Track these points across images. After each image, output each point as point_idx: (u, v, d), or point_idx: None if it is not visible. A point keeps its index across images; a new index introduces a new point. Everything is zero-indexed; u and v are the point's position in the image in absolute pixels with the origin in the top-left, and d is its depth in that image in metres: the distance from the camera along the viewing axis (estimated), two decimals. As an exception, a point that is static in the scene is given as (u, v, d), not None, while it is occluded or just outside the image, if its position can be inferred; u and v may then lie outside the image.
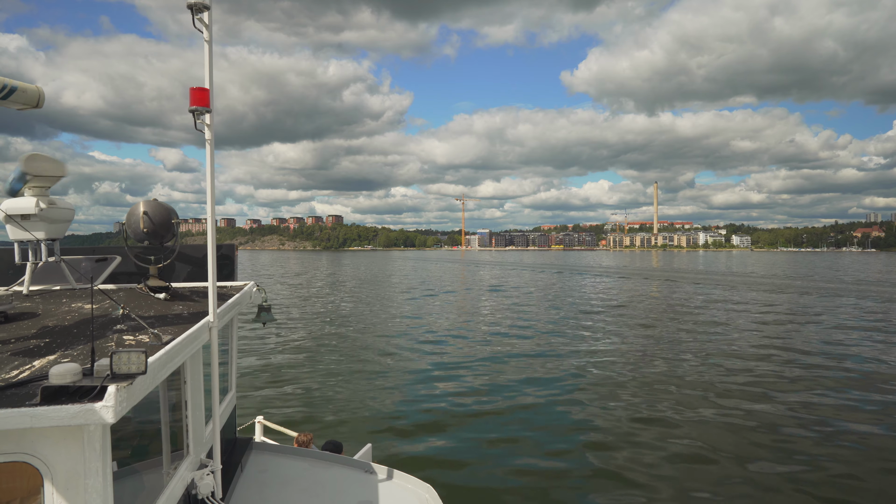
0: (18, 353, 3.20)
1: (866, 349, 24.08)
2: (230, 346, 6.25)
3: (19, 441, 2.58)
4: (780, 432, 13.68)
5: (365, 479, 6.09)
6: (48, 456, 2.62)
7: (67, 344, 3.43)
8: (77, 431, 2.60)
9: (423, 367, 20.93)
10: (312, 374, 19.75)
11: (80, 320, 4.06)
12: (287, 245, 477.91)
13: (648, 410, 15.40)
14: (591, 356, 22.78)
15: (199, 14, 3.97)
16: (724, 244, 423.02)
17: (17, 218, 4.47)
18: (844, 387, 17.87)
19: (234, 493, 5.53)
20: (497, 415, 15.10)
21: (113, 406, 2.41)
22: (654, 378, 19.02)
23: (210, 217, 4.29)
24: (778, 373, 19.78)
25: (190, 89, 4.02)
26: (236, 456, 6.10)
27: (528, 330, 29.88)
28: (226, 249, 6.52)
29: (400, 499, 5.66)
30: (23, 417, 2.38)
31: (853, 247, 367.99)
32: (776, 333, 28.02)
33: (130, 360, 2.52)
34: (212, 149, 4.21)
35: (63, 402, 2.42)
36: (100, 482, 2.67)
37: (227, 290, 5.67)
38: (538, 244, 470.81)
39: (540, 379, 19.04)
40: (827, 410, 15.42)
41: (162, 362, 3.10)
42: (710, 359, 21.94)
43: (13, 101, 4.08)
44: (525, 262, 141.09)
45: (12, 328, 3.82)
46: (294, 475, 6.18)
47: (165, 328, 3.92)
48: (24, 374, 2.81)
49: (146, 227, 5.35)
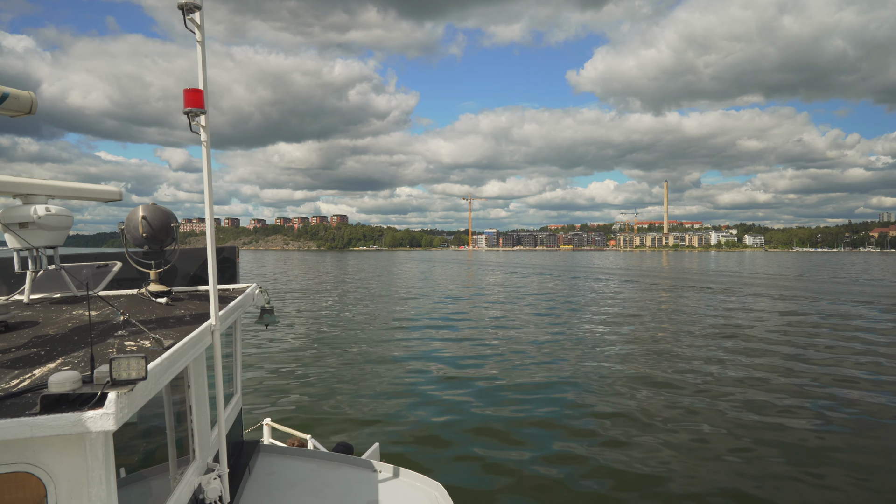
0: (18, 362, 3.17)
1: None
2: (234, 348, 6.18)
3: (21, 451, 2.54)
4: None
5: (374, 478, 6.01)
6: (50, 465, 2.58)
7: (68, 352, 3.39)
8: (78, 440, 2.56)
9: (430, 367, 20.51)
10: (320, 375, 19.32)
11: (80, 327, 4.00)
12: (291, 245, 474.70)
13: (662, 413, 14.84)
14: (605, 359, 21.85)
15: (191, 14, 3.85)
16: (736, 244, 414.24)
17: (15, 226, 4.42)
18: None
19: (242, 497, 5.49)
20: (506, 414, 14.75)
21: (113, 413, 2.38)
22: (674, 386, 17.87)
23: (209, 219, 4.20)
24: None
25: (183, 91, 3.88)
26: (243, 459, 6.04)
27: (541, 331, 28.59)
28: (227, 252, 6.43)
29: (409, 497, 5.59)
30: (23, 427, 2.35)
31: (871, 247, 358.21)
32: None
33: (130, 365, 2.48)
34: (208, 151, 4.07)
35: (63, 410, 2.38)
36: (103, 490, 2.64)
37: (230, 293, 5.60)
38: (547, 244, 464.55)
39: (551, 380, 18.53)
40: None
41: (163, 367, 3.05)
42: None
43: (6, 108, 4.02)
44: (537, 264, 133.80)
45: (12, 337, 3.77)
46: (302, 476, 6.11)
47: (167, 333, 3.88)
48: (24, 384, 2.77)
49: (145, 232, 5.27)
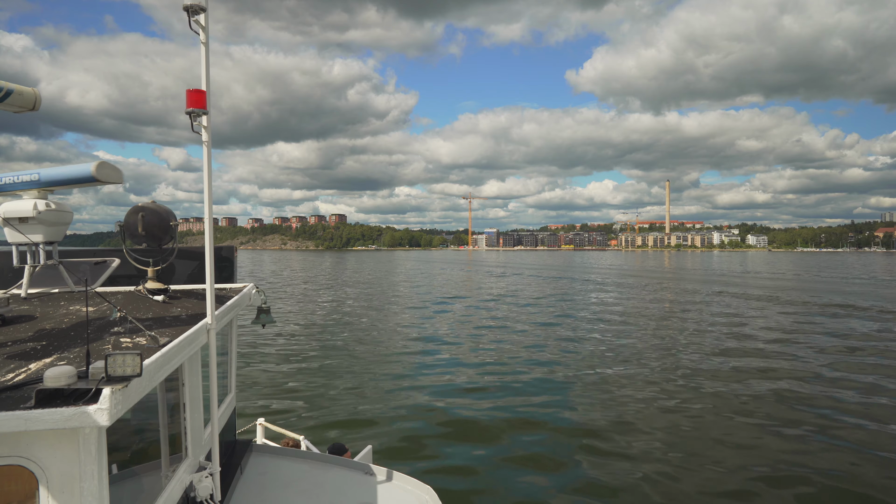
0: (14, 357, 3.18)
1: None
2: (230, 348, 6.19)
3: (14, 444, 2.56)
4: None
5: (365, 480, 6.05)
6: (43, 459, 2.59)
7: (64, 347, 3.40)
8: (72, 434, 2.57)
9: (425, 370, 20.42)
10: (314, 376, 19.26)
11: (77, 323, 4.00)
12: (289, 245, 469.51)
13: (654, 419, 14.56)
14: (603, 363, 21.47)
15: (196, 16, 3.87)
16: (740, 244, 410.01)
17: (14, 221, 4.44)
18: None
19: (234, 496, 5.49)
20: (498, 418, 14.72)
21: (108, 409, 2.39)
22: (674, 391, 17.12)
23: (207, 218, 4.21)
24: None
25: (186, 91, 3.91)
26: (236, 458, 6.06)
27: (537, 337, 27.71)
28: (225, 251, 6.45)
29: (400, 500, 5.62)
30: (17, 420, 2.36)
31: (877, 247, 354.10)
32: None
33: (125, 362, 2.49)
34: (209, 151, 4.10)
35: (57, 404, 2.40)
36: (95, 485, 2.64)
37: (226, 292, 5.63)
38: (548, 244, 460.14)
39: (544, 384, 18.28)
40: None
41: (158, 364, 3.06)
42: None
43: (9, 103, 4.03)
44: (547, 264, 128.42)
45: (9, 331, 3.79)
46: (294, 477, 6.14)
47: (163, 330, 3.87)
48: (20, 378, 2.79)
49: (144, 230, 5.29)
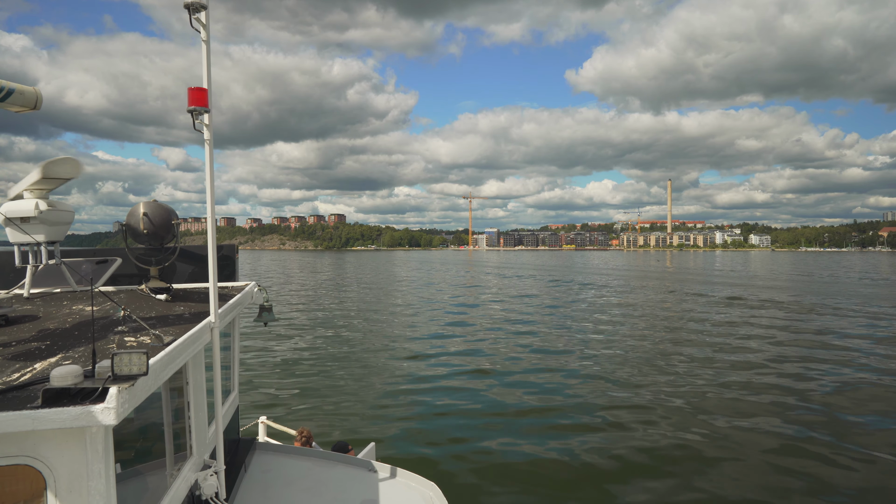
0: (19, 356, 3.17)
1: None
2: (232, 346, 6.20)
3: (21, 444, 2.55)
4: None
5: (369, 477, 6.02)
6: (50, 458, 2.58)
7: (68, 346, 3.39)
8: (79, 433, 2.57)
9: (427, 367, 20.33)
10: (316, 375, 19.24)
11: (80, 322, 4.01)
12: (288, 245, 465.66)
13: (659, 415, 14.56)
14: (603, 360, 21.35)
15: (197, 14, 3.87)
16: (742, 244, 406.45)
17: (16, 221, 4.48)
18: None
19: (238, 494, 5.50)
20: (501, 415, 14.67)
21: (114, 408, 2.39)
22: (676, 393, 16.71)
23: (210, 217, 4.21)
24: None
25: (188, 89, 3.92)
26: (240, 456, 6.05)
27: (539, 337, 27.38)
28: (227, 250, 6.45)
29: (404, 497, 5.58)
30: (24, 420, 2.35)
31: (882, 247, 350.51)
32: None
33: (132, 361, 2.48)
34: (211, 149, 4.12)
35: (64, 404, 2.39)
36: (102, 484, 2.64)
37: (229, 291, 5.63)
38: (549, 244, 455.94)
39: (548, 381, 18.19)
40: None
41: (163, 363, 3.06)
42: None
43: (11, 103, 4.02)
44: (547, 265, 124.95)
45: (13, 331, 3.78)
46: (297, 475, 6.12)
47: (167, 329, 3.87)
48: (26, 377, 2.77)
49: (146, 229, 5.28)
